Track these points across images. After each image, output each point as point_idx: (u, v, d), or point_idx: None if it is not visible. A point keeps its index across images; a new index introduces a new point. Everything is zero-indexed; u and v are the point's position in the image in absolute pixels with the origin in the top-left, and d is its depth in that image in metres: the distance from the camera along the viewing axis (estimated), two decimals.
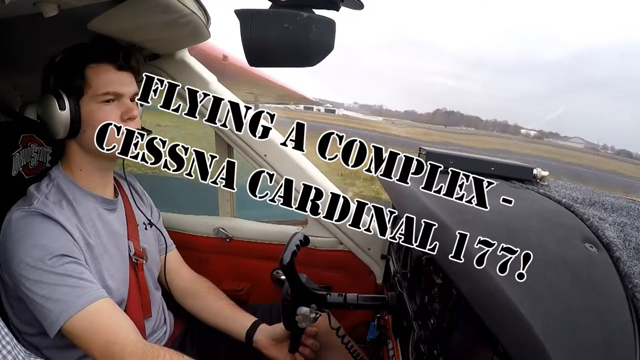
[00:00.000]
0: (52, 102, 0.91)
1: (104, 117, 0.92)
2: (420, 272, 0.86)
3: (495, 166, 0.93)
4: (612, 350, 0.40)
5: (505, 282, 0.47)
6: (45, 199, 0.91)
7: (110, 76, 0.94)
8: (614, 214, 0.71)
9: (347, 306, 0.97)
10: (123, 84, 0.95)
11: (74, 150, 0.98)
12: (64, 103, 0.91)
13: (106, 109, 0.93)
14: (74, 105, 0.92)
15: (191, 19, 0.95)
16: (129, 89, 0.96)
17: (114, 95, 0.94)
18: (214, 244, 1.44)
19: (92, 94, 0.93)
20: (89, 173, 0.99)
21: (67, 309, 0.83)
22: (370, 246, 1.35)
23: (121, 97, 0.95)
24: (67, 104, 0.91)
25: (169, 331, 1.15)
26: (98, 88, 0.92)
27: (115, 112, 0.94)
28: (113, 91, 0.94)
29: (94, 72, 0.93)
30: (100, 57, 0.93)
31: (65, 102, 0.91)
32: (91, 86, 0.92)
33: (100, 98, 0.93)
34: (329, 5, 0.59)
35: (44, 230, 0.87)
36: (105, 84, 0.93)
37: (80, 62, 0.93)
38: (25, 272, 0.84)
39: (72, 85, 0.92)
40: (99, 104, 0.93)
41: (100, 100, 0.93)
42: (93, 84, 0.92)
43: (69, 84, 0.92)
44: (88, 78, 0.92)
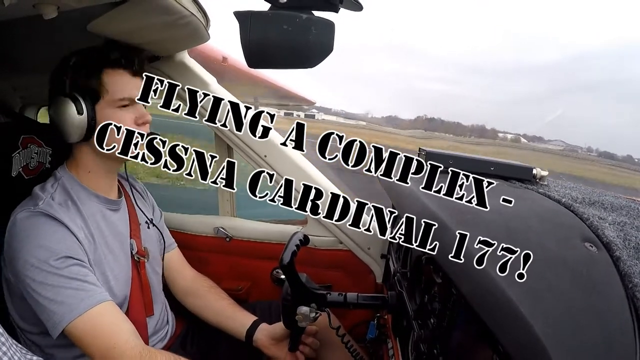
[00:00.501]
0: (69, 106, 0.91)
1: (119, 122, 0.94)
2: (420, 272, 0.86)
3: (495, 166, 0.93)
4: (612, 350, 0.40)
5: (505, 282, 0.47)
6: (51, 199, 0.92)
7: (126, 82, 0.95)
8: (614, 213, 0.71)
9: (347, 305, 0.98)
10: (138, 89, 0.95)
11: (84, 153, 0.98)
12: (82, 107, 0.92)
13: (122, 114, 0.95)
14: (91, 110, 0.93)
15: (190, 20, 0.95)
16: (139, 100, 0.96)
17: (129, 101, 0.96)
18: (214, 244, 1.44)
19: (109, 99, 0.94)
20: (96, 175, 1.00)
21: (70, 312, 0.84)
22: (370, 246, 1.35)
23: (135, 102, 0.96)
24: (85, 109, 0.92)
25: (170, 330, 1.16)
26: (115, 93, 0.94)
27: (130, 117, 0.96)
28: (129, 97, 0.95)
29: (111, 77, 0.94)
30: (117, 62, 0.95)
31: (82, 106, 0.92)
32: (108, 91, 0.94)
33: (117, 103, 0.95)
34: (328, 6, 0.59)
35: (49, 231, 0.87)
36: (122, 90, 0.94)
37: (97, 66, 0.94)
38: (30, 272, 0.84)
39: (89, 89, 0.93)
40: (115, 109, 0.95)
41: (116, 106, 0.95)
42: (110, 89, 0.94)
43: (85, 88, 0.93)
44: (105, 83, 0.93)
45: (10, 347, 0.58)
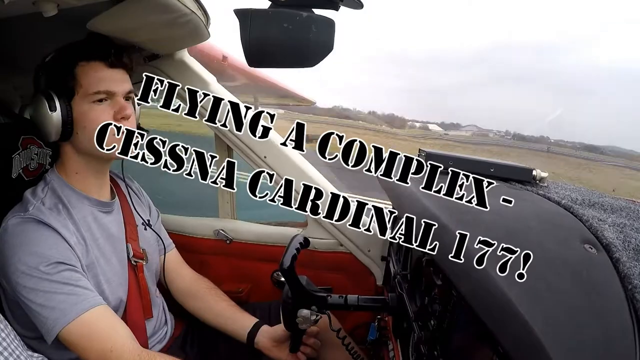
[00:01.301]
0: (43, 104, 0.88)
1: (96, 118, 0.89)
2: (421, 274, 0.86)
3: (494, 167, 0.93)
4: (612, 350, 0.40)
5: (505, 282, 0.47)
6: (41, 204, 0.90)
7: (101, 74, 0.91)
8: (613, 215, 0.71)
9: (347, 307, 0.97)
10: (115, 82, 0.92)
11: (68, 153, 0.96)
12: (55, 104, 0.88)
13: (98, 109, 0.91)
14: (65, 107, 0.89)
15: (190, 18, 0.95)
16: (121, 87, 0.93)
17: (106, 94, 0.91)
18: (214, 246, 1.43)
19: (83, 93, 0.90)
20: (84, 176, 0.97)
21: (63, 317, 0.83)
22: (370, 248, 1.35)
23: (114, 95, 0.92)
24: (58, 105, 0.88)
25: (169, 332, 1.15)
26: (89, 87, 0.90)
27: (107, 112, 0.91)
28: (104, 90, 0.90)
29: (84, 71, 0.90)
30: (91, 54, 0.90)
31: (55, 103, 0.88)
32: (82, 85, 0.90)
33: (92, 97, 0.90)
34: (328, 4, 0.59)
35: (39, 238, 0.86)
36: (96, 83, 0.90)
37: (70, 60, 0.90)
38: (22, 279, 0.83)
39: (63, 85, 0.90)
40: (90, 103, 0.90)
41: (92, 100, 0.90)
42: (84, 82, 0.90)
43: (59, 84, 0.90)
44: (78, 77, 0.90)
45: (12, 342, 0.58)
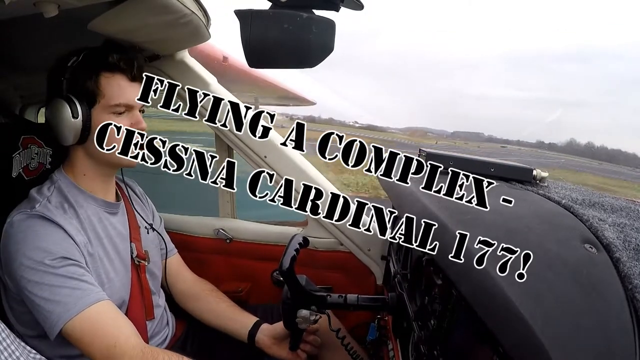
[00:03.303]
0: (65, 109, 0.90)
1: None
2: (421, 273, 0.86)
3: (495, 167, 0.93)
4: (612, 351, 0.40)
5: (505, 282, 0.47)
6: (47, 202, 0.91)
7: (123, 87, 0.94)
8: (614, 214, 0.71)
9: (347, 307, 0.97)
10: (135, 96, 0.95)
11: (78, 155, 0.98)
12: (77, 110, 0.91)
13: (117, 120, 0.94)
14: (86, 114, 0.92)
15: (191, 19, 0.95)
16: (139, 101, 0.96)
17: (126, 107, 0.95)
18: (214, 245, 1.44)
19: (104, 104, 0.93)
20: (91, 178, 0.99)
21: (67, 311, 0.83)
22: (370, 247, 1.35)
23: (132, 108, 0.96)
24: (80, 112, 0.91)
25: (170, 332, 1.16)
26: (111, 99, 0.93)
27: (125, 123, 0.95)
28: (125, 103, 0.94)
29: (108, 82, 0.93)
30: (115, 66, 0.93)
31: (78, 109, 0.91)
32: (104, 96, 0.93)
33: (113, 109, 0.94)
34: (329, 5, 0.59)
35: (45, 233, 0.87)
36: (118, 95, 0.93)
37: (94, 69, 0.93)
38: (26, 273, 0.83)
39: (86, 92, 0.92)
40: (110, 114, 0.94)
41: (112, 111, 0.94)
42: (107, 93, 0.93)
43: (82, 91, 0.92)
44: (102, 86, 0.93)
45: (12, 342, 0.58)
